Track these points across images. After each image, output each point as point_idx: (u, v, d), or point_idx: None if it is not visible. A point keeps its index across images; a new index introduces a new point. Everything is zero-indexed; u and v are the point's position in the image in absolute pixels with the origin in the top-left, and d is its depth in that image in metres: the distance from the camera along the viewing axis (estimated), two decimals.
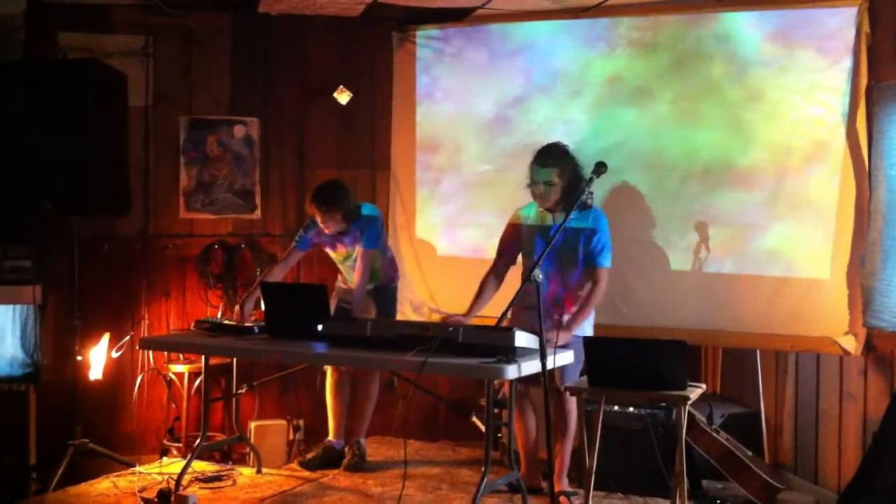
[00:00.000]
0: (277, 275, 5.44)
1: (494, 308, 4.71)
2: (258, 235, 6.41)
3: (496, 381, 4.82)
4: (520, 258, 5.01)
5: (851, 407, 4.99)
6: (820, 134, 5.18)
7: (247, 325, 5.03)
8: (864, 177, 4.99)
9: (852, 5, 5.04)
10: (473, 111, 6.13)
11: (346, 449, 5.44)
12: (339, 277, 5.61)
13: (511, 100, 6.00)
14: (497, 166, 6.02)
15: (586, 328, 4.77)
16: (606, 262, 4.76)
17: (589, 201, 4.75)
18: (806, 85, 5.21)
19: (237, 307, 5.27)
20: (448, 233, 6.24)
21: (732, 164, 5.39)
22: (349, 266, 5.48)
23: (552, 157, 4.78)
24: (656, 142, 5.58)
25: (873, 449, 4.27)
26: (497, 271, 5.02)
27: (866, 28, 5.00)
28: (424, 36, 6.31)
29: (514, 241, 5.00)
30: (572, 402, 4.69)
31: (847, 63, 5.06)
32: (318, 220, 5.28)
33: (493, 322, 4.44)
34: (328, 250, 5.52)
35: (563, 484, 4.80)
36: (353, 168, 6.41)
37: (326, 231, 5.32)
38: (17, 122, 5.34)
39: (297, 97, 6.45)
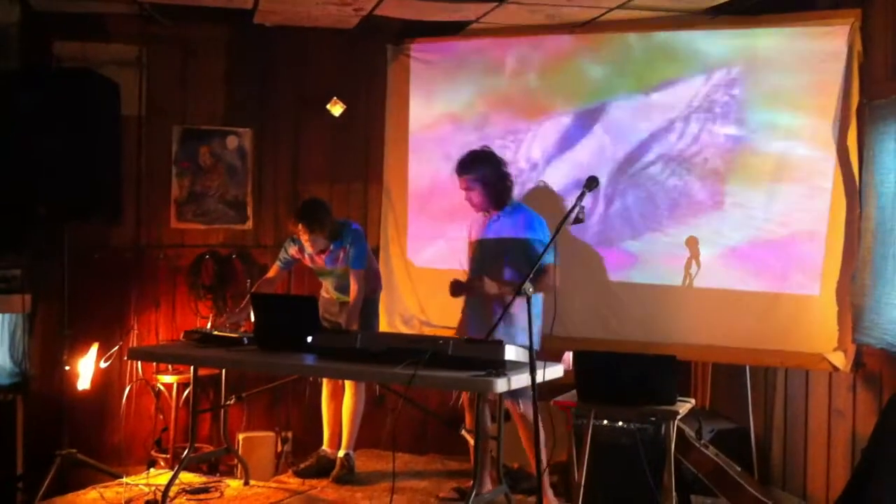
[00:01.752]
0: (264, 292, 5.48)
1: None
2: (249, 247, 6.40)
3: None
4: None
5: (840, 423, 4.99)
6: (811, 151, 5.19)
7: (236, 336, 5.02)
8: (855, 194, 5.01)
9: (844, 24, 5.06)
10: (466, 124, 6.14)
11: (337, 461, 5.43)
12: (322, 288, 5.64)
13: (504, 113, 6.00)
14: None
15: None
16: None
17: (581, 216, 4.74)
18: (798, 102, 5.23)
19: (224, 315, 5.32)
20: (439, 246, 6.23)
21: (725, 181, 5.39)
22: (331, 279, 5.51)
23: (467, 163, 5.06)
24: (647, 156, 5.58)
25: (862, 466, 4.27)
26: None
27: (858, 47, 5.03)
28: (419, 49, 6.32)
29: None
30: (529, 409, 4.65)
31: (839, 81, 5.08)
32: (303, 238, 5.32)
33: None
34: (309, 263, 5.57)
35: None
36: (345, 180, 6.42)
37: (310, 249, 5.37)
38: (11, 130, 5.33)
39: (292, 109, 6.44)
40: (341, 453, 5.45)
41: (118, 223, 5.94)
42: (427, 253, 6.25)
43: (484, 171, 5.03)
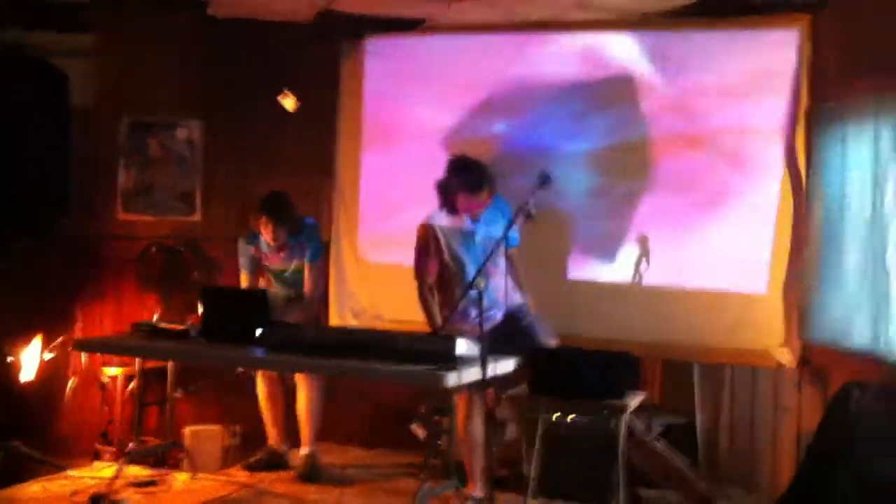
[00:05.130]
0: None
1: None
2: (199, 239, 6.32)
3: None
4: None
5: (786, 419, 5.07)
6: (760, 152, 5.26)
7: (184, 328, 4.96)
8: (802, 195, 5.10)
9: (794, 29, 5.15)
10: (420, 120, 6.13)
11: (300, 458, 5.38)
12: (263, 281, 5.63)
13: (459, 110, 6.01)
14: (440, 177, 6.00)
15: None
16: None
17: (533, 211, 4.77)
18: (746, 105, 5.29)
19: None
20: (391, 240, 6.21)
21: (677, 180, 5.45)
22: (283, 276, 5.50)
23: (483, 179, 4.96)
24: (603, 152, 5.62)
25: (808, 460, 4.34)
26: None
27: (808, 51, 5.11)
28: (374, 45, 6.29)
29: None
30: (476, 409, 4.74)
31: (788, 84, 5.16)
32: (265, 231, 5.28)
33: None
34: (265, 264, 5.54)
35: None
36: (297, 175, 6.34)
37: (272, 243, 5.33)
38: None
39: (244, 101, 6.36)
40: (304, 451, 5.39)
41: (64, 213, 5.84)
42: (379, 248, 6.23)
43: (491, 182, 4.97)
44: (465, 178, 4.96)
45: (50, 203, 5.66)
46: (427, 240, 5.04)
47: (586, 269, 5.63)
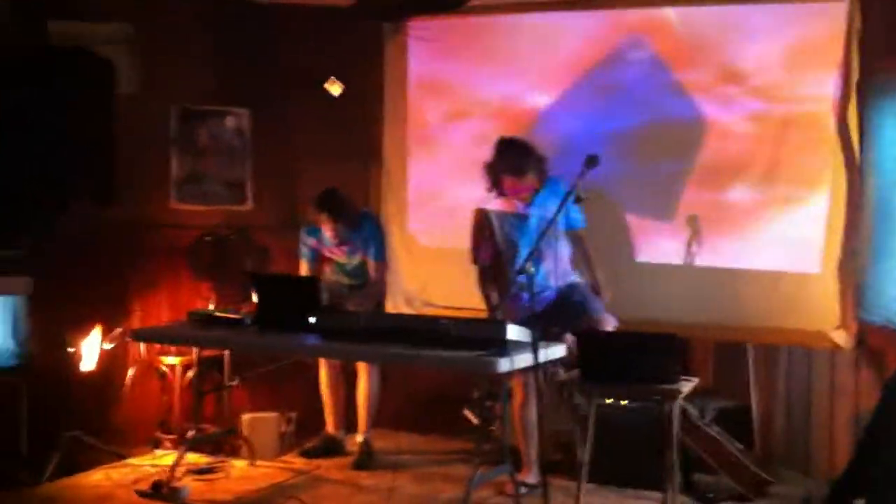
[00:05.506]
0: None
1: None
2: (249, 227, 6.39)
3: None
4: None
5: (842, 400, 5.02)
6: (811, 128, 5.18)
7: (239, 317, 5.01)
8: (856, 171, 5.01)
9: (842, 1, 5.04)
10: (467, 103, 6.12)
11: (356, 444, 5.44)
12: (328, 269, 5.63)
13: (505, 90, 5.98)
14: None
15: None
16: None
17: (581, 194, 4.75)
18: (796, 80, 5.21)
19: None
20: (440, 225, 6.22)
21: (726, 159, 5.38)
22: (346, 267, 5.53)
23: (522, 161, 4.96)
24: (650, 131, 5.56)
25: (865, 442, 4.29)
26: None
27: (857, 23, 5.00)
28: (417, 27, 6.28)
29: None
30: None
31: (838, 58, 5.06)
32: (326, 228, 5.31)
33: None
34: (326, 254, 5.56)
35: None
36: (344, 160, 6.36)
37: (333, 240, 5.36)
38: (4, 112, 5.31)
39: (289, 88, 6.39)
40: (359, 438, 5.45)
41: (112, 204, 5.91)
42: (428, 233, 6.25)
43: (538, 165, 4.97)
44: (509, 161, 4.94)
45: (99, 194, 5.72)
46: (481, 224, 5.04)
47: (637, 251, 5.60)
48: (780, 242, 5.25)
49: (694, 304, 5.38)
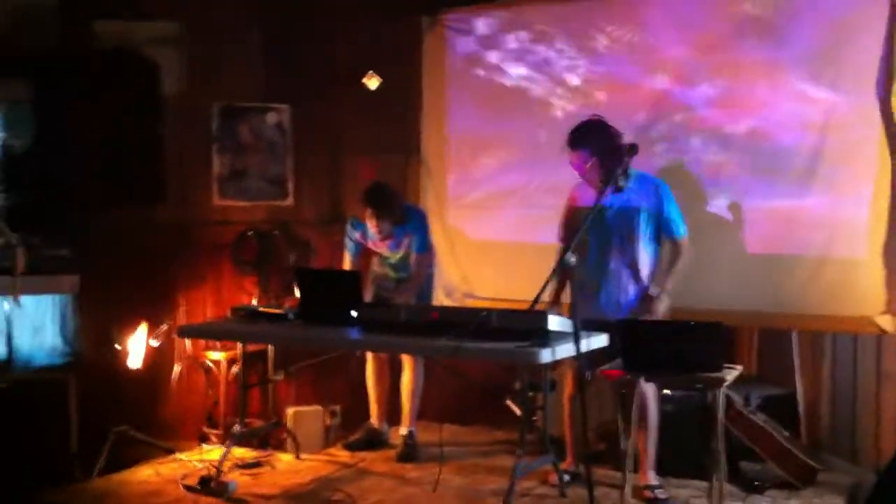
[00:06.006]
0: None
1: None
2: (292, 222, 6.44)
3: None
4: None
5: (889, 386, 4.96)
6: (854, 114, 5.10)
7: (282, 311, 5.05)
8: None
9: None
10: (507, 94, 6.11)
11: (400, 437, 5.46)
12: (375, 261, 5.64)
13: (547, 82, 5.97)
14: (534, 150, 5.98)
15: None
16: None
17: (621, 182, 4.70)
18: (838, 65, 5.14)
19: None
20: (482, 216, 6.23)
21: (769, 144, 5.33)
22: (391, 260, 5.54)
23: (578, 135, 4.77)
24: (698, 121, 5.52)
25: None
26: None
27: None
28: (455, 19, 6.28)
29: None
30: (650, 391, 4.63)
31: (880, 43, 4.99)
32: (370, 223, 5.33)
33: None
34: (371, 247, 5.58)
35: (648, 477, 4.71)
36: (384, 153, 6.41)
37: (377, 235, 5.37)
38: (53, 112, 5.40)
39: (328, 83, 6.43)
40: (404, 431, 5.46)
41: (161, 202, 5.99)
42: (468, 225, 6.25)
43: (599, 144, 4.73)
44: (569, 133, 4.84)
45: (147, 192, 5.80)
46: (566, 211, 5.00)
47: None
48: (825, 228, 5.18)
49: (738, 292, 5.33)
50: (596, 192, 4.66)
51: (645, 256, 4.80)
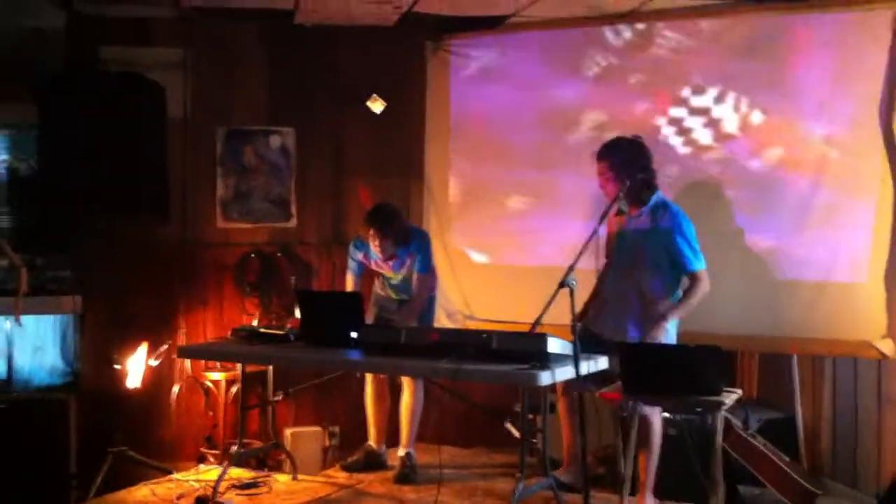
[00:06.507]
0: None
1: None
2: (294, 244, 6.46)
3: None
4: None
5: (890, 411, 4.94)
6: (857, 137, 5.12)
7: (283, 332, 5.06)
8: None
9: (888, 9, 5.00)
10: (509, 119, 6.14)
11: (398, 458, 5.44)
12: (377, 283, 5.65)
13: (548, 106, 5.99)
14: (537, 173, 6.01)
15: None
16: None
17: (624, 208, 4.71)
18: (841, 88, 5.16)
19: None
20: (483, 241, 6.24)
21: (770, 168, 5.34)
22: (394, 285, 5.54)
23: (606, 148, 4.78)
24: (695, 146, 5.54)
25: None
26: None
27: None
28: (458, 45, 6.33)
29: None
30: (654, 415, 4.61)
31: (882, 67, 5.02)
32: (373, 243, 5.33)
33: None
34: (374, 268, 5.57)
35: (646, 501, 4.66)
36: (387, 177, 6.45)
37: (380, 255, 5.37)
38: (60, 134, 5.44)
39: (332, 106, 6.48)
40: (402, 452, 5.42)
41: (165, 224, 6.02)
42: (470, 248, 6.26)
43: (619, 161, 4.69)
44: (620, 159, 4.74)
45: (152, 214, 5.83)
46: (606, 235, 4.93)
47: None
48: (825, 252, 5.18)
49: (739, 315, 5.32)
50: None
51: (654, 283, 4.76)
